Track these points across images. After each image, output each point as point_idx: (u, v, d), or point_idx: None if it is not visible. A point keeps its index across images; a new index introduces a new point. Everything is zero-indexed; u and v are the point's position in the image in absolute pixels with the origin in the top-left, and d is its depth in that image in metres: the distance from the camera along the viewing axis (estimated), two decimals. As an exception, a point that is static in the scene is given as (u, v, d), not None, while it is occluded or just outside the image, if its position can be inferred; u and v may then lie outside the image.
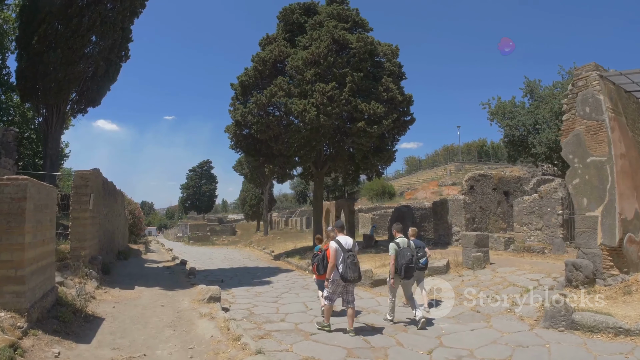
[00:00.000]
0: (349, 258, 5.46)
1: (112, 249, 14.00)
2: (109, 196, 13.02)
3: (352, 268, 5.44)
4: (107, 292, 8.39)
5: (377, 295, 8.99)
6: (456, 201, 16.75)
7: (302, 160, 14.85)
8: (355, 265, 5.48)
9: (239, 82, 15.89)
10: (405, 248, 6.10)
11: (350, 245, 5.61)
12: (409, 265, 5.99)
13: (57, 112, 13.75)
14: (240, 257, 20.60)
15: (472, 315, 7.05)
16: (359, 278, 5.65)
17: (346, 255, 5.47)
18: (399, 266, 5.96)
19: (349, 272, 5.42)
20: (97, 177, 9.93)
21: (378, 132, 14.48)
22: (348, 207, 18.78)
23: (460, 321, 6.69)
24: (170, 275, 11.48)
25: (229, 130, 16.65)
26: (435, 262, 10.68)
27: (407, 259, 5.95)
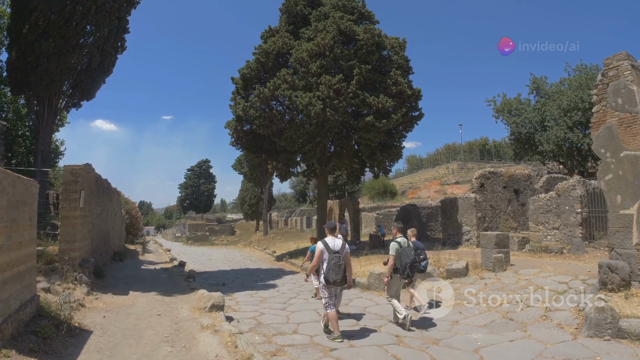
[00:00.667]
0: (334, 259, 5.21)
1: (107, 250, 13.16)
2: (103, 194, 12.18)
3: (335, 270, 5.18)
4: (99, 298, 7.57)
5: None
6: (467, 199, 16.00)
7: (306, 156, 14.05)
8: (339, 267, 5.21)
9: (240, 76, 15.08)
10: (407, 247, 5.96)
11: (338, 247, 5.35)
12: (414, 264, 5.86)
13: (49, 105, 12.91)
14: (241, 257, 19.77)
15: (505, 323, 6.33)
16: (343, 281, 5.34)
17: (331, 257, 5.23)
18: (403, 265, 5.80)
19: (331, 274, 5.18)
20: (88, 172, 9.11)
21: (387, 126, 13.71)
22: (352, 206, 17.99)
23: (493, 330, 5.99)
24: (168, 278, 10.66)
25: (230, 125, 15.83)
26: (453, 264, 9.97)
27: (411, 258, 5.82)
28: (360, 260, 11.98)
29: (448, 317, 6.72)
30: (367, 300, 8.32)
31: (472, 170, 34.40)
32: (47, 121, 12.99)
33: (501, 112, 24.49)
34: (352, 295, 8.61)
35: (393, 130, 14.77)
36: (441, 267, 10.33)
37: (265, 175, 35.49)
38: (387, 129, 14.13)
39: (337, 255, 5.26)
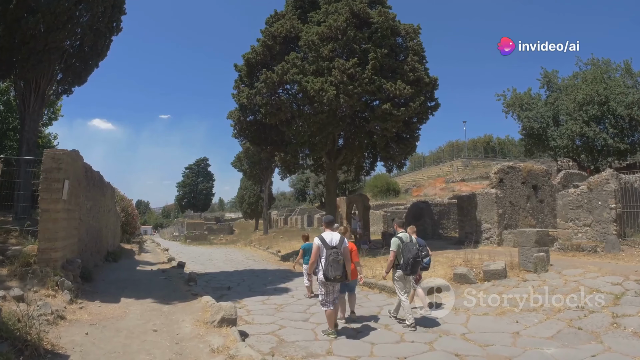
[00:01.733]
0: (331, 255, 4.95)
1: (99, 249, 11.79)
2: (94, 188, 10.82)
3: (334, 266, 4.92)
4: (84, 307, 6.25)
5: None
6: (486, 195, 14.80)
7: (316, 148, 12.77)
8: (337, 263, 4.94)
9: (245, 61, 13.76)
10: (410, 242, 5.70)
11: (336, 242, 5.08)
12: (416, 260, 5.59)
13: (36, 89, 11.50)
14: (243, 257, 18.44)
15: (574, 333, 5.31)
16: (343, 277, 5.05)
17: (329, 252, 4.98)
18: (406, 260, 5.53)
19: (331, 270, 4.92)
20: (74, 160, 7.76)
21: (405, 115, 12.47)
22: (362, 203, 16.73)
23: (565, 343, 4.98)
24: (166, 281, 9.32)
25: (232, 116, 14.52)
26: (490, 265, 8.76)
27: (413, 253, 5.56)
28: (380, 261, 10.71)
29: (505, 327, 5.70)
30: None
31: (477, 167, 33.31)
32: (34, 107, 11.56)
33: (512, 106, 23.36)
34: (380, 301, 7.39)
35: (410, 121, 13.52)
36: (474, 268, 9.14)
37: (265, 172, 34.17)
38: (405, 118, 12.89)
39: (334, 250, 4.97)
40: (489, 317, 6.30)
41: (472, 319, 6.25)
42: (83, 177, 9.12)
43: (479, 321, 6.08)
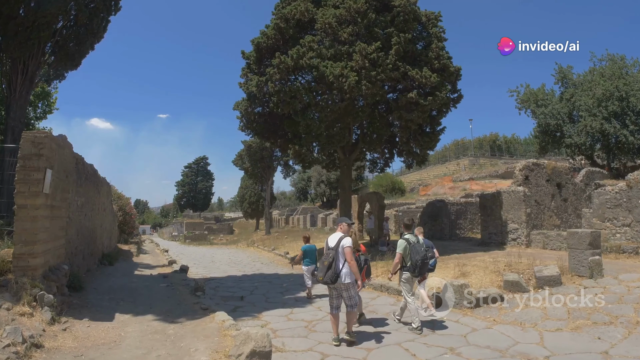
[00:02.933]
0: (323, 257, 4.80)
1: (92, 252, 10.40)
2: (87, 183, 9.43)
3: (320, 267, 4.72)
4: (69, 328, 4.89)
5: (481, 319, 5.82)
6: (513, 193, 13.55)
7: (332, 140, 11.44)
8: (322, 264, 4.69)
9: (254, 47, 12.41)
10: (417, 244, 5.46)
11: (333, 243, 4.82)
12: (424, 261, 5.39)
13: (23, 71, 10.09)
14: (248, 259, 17.07)
15: None
16: (329, 280, 4.65)
17: (325, 254, 4.82)
18: (414, 262, 5.33)
19: (318, 271, 4.79)
20: (60, 147, 6.38)
21: (432, 105, 11.24)
22: (377, 202, 15.43)
23: None
24: (168, 289, 7.95)
25: (239, 106, 13.16)
26: (544, 270, 7.56)
27: (421, 254, 5.34)
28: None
29: (588, 345, 4.74)
30: (453, 323, 5.86)
31: (484, 166, 32.16)
32: (21, 91, 10.16)
33: (526, 102, 22.21)
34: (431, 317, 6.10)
35: (435, 112, 12.26)
36: (522, 274, 7.92)
37: (268, 170, 32.80)
38: (432, 109, 11.63)
39: (328, 251, 4.76)
40: (565, 334, 5.26)
41: (545, 336, 5.22)
42: (73, 169, 7.74)
43: (556, 339, 5.05)
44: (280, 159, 32.23)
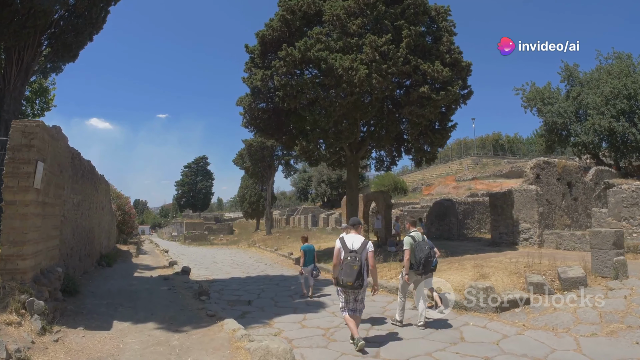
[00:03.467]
0: (348, 260, 4.42)
1: (90, 252, 9.84)
2: (84, 180, 8.87)
3: (347, 272, 4.36)
4: (61, 339, 4.36)
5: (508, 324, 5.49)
6: (525, 192, 13.07)
7: (340, 137, 10.91)
8: (351, 268, 4.35)
9: (258, 39, 11.88)
10: (422, 242, 5.40)
11: (357, 246, 4.52)
12: (428, 259, 5.30)
13: (18, 62, 9.55)
14: (251, 260, 16.50)
15: None
16: (358, 285, 4.40)
17: (346, 257, 4.46)
18: (417, 260, 5.26)
19: (342, 275, 4.39)
20: (54, 138, 5.83)
21: (445, 100, 10.73)
22: (384, 201, 14.91)
23: None
24: (170, 293, 7.40)
25: (242, 102, 12.62)
26: (568, 271, 7.12)
27: (425, 252, 5.28)
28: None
29: (629, 351, 4.41)
30: (480, 329, 5.36)
31: (487, 165, 31.71)
32: (16, 83, 9.61)
33: (532, 100, 21.76)
34: (457, 322, 5.62)
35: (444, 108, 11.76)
36: (544, 275, 7.47)
37: (269, 170, 32.24)
38: (442, 105, 11.15)
39: (353, 254, 4.49)
40: (601, 339, 4.90)
41: (582, 342, 4.84)
42: (68, 164, 7.18)
43: (593, 345, 4.70)
44: (281, 158, 31.69)
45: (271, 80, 11.63)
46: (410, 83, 11.10)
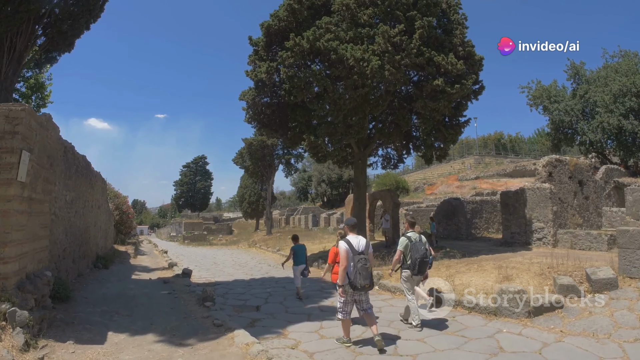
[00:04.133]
0: (360, 262, 4.35)
1: (85, 254, 9.17)
2: (79, 176, 8.20)
3: (363, 274, 4.33)
4: (47, 355, 3.75)
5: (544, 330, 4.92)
6: (539, 190, 12.52)
7: (350, 132, 10.30)
8: (366, 270, 4.36)
9: (263, 30, 11.26)
10: (418, 242, 5.24)
11: (363, 247, 4.49)
12: (424, 260, 5.20)
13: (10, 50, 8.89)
14: (254, 261, 15.85)
15: None
16: (371, 285, 4.46)
17: (357, 259, 4.36)
18: (413, 260, 5.15)
19: (359, 278, 4.31)
20: (43, 127, 5.17)
21: (459, 94, 10.18)
22: (392, 200, 14.31)
23: None
24: (171, 298, 6.75)
25: (246, 96, 11.99)
26: (598, 272, 6.59)
27: (421, 253, 5.18)
28: (440, 268, 8.32)
29: None
30: (517, 336, 4.82)
31: (490, 165, 31.21)
32: (7, 72, 8.96)
33: (539, 99, 21.24)
34: (490, 329, 5.05)
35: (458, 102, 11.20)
36: (570, 275, 6.96)
37: (269, 169, 31.59)
38: (457, 99, 10.59)
39: (362, 257, 4.40)
40: None
41: (627, 349, 4.42)
42: (60, 158, 6.52)
43: None
44: (282, 157, 31.06)
45: (276, 73, 11.02)
46: (423, 76, 10.52)
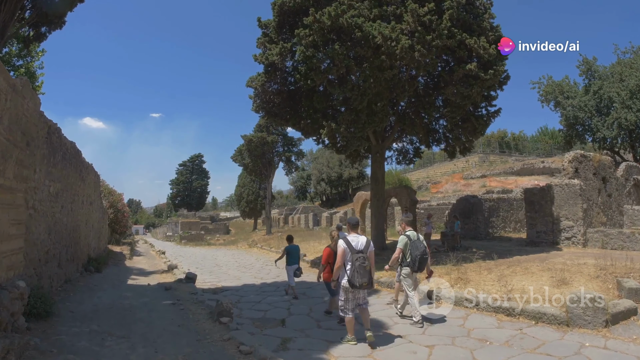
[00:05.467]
0: (358, 260, 4.34)
1: (74, 255, 7.85)
2: (66, 164, 6.90)
3: (361, 272, 4.32)
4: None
5: None
6: (567, 187, 11.52)
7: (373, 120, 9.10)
8: (364, 269, 4.34)
9: (275, 10, 10.04)
10: (417, 240, 5.37)
11: (362, 246, 4.45)
12: (423, 257, 5.27)
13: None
14: (259, 262, 14.57)
15: None
16: (370, 284, 4.44)
17: (355, 257, 4.35)
18: (413, 258, 5.25)
19: (357, 276, 4.31)
20: (17, 91, 3.89)
21: (493, 80, 9.11)
22: (409, 197, 13.20)
23: None
24: (177, 312, 5.49)
25: (254, 82, 10.75)
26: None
27: (420, 250, 5.28)
28: (481, 272, 7.21)
29: None
30: (604, 351, 3.88)
31: (495, 163, 30.32)
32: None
33: (550, 94, 20.34)
34: (572, 344, 3.95)
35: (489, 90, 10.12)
36: (631, 276, 5.94)
37: (269, 167, 30.28)
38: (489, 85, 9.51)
39: (361, 255, 4.38)
40: None
41: None
42: (42, 139, 5.24)
43: None
44: (282, 155, 29.79)
45: (290, 56, 9.82)
46: (453, 60, 9.42)
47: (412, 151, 13.50)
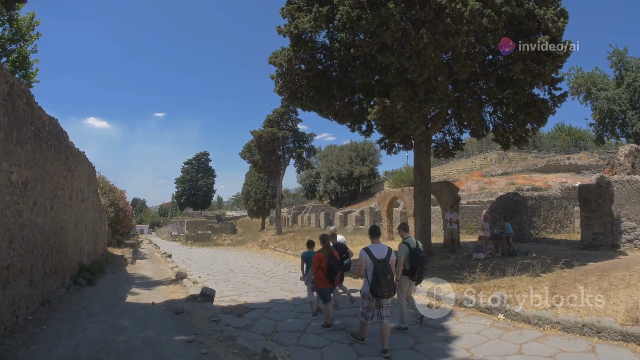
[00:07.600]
0: (380, 270, 4.18)
1: (58, 267, 5.94)
2: (41, 145, 4.99)
3: (383, 282, 4.15)
4: None
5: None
6: (628, 184, 9.68)
7: (433, 98, 7.15)
8: (385, 278, 4.17)
9: (306, -33, 8.11)
10: (417, 248, 5.00)
11: (384, 255, 4.29)
12: (424, 266, 5.00)
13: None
14: (279, 267, 12.61)
15: None
16: (391, 293, 4.25)
17: (377, 267, 4.20)
18: (413, 267, 4.92)
19: (380, 287, 4.15)
20: None
21: (566, 56, 7.28)
22: (450, 194, 11.28)
23: None
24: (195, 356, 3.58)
25: (279, 58, 8.88)
26: None
27: (421, 259, 4.93)
28: (574, 284, 5.29)
29: None
30: None
31: (514, 160, 28.39)
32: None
33: (582, 86, 18.42)
34: None
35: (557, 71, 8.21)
36: None
37: (279, 164, 28.34)
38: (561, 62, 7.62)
39: (383, 264, 4.22)
40: None
41: None
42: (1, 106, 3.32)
43: None
44: (293, 151, 27.83)
45: (325, 24, 7.90)
46: (518, 33, 7.54)
47: (452, 142, 11.61)
